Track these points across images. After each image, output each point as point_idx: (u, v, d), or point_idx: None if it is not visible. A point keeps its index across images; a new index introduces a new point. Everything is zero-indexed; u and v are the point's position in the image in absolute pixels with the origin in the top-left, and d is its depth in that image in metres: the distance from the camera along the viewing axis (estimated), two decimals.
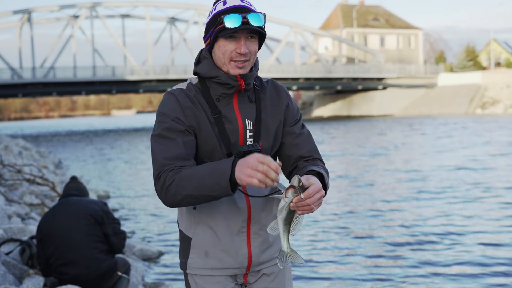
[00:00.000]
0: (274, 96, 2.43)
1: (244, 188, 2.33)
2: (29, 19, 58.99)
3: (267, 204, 2.38)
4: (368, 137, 31.45)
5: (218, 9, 2.25)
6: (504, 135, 27.84)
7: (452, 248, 7.87)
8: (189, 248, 2.40)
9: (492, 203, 11.00)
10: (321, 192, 2.09)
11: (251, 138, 2.32)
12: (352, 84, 64.60)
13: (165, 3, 63.13)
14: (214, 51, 2.29)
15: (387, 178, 15.19)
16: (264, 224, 2.37)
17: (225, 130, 2.29)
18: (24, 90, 54.71)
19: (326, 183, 2.27)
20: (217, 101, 2.31)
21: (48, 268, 5.09)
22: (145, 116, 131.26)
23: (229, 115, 2.31)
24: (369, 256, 7.67)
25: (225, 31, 2.20)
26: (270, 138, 2.37)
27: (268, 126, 2.36)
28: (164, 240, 9.09)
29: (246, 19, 2.20)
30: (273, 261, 2.45)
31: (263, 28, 2.26)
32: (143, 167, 20.88)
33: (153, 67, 58.03)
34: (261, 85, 2.43)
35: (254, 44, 2.28)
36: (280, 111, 2.41)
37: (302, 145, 2.43)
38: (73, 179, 5.37)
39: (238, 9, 2.22)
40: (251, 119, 2.33)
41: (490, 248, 7.79)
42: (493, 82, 60.13)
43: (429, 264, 7.15)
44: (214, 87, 2.32)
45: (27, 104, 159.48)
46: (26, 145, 24.46)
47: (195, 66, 2.36)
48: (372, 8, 79.92)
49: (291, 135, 2.43)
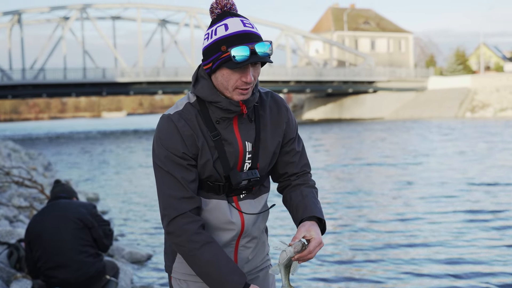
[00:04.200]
0: (274, 112, 2.36)
1: (237, 204, 2.32)
2: (19, 20, 58.71)
3: (258, 218, 2.39)
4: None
5: (220, 34, 2.14)
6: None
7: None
8: (175, 252, 2.38)
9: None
10: (321, 245, 2.20)
11: (250, 160, 2.30)
12: (342, 87, 64.76)
13: (156, 5, 63.02)
14: (216, 77, 2.19)
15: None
16: (253, 237, 2.39)
17: (225, 153, 2.24)
18: (13, 91, 54.39)
19: (324, 224, 2.32)
20: (216, 123, 2.24)
21: (36, 271, 5.06)
22: (136, 118, 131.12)
23: (229, 137, 2.25)
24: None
25: (231, 63, 2.11)
26: (268, 157, 2.35)
27: (267, 146, 2.33)
28: (153, 243, 9.05)
29: (253, 48, 2.11)
30: (257, 270, 2.47)
31: (270, 56, 2.16)
32: (132, 170, 20.82)
33: (143, 69, 57.85)
34: (261, 100, 2.35)
35: (258, 69, 2.21)
36: (280, 130, 2.36)
37: (298, 163, 2.42)
38: (57, 183, 5.33)
39: (244, 37, 2.12)
40: (250, 140, 2.28)
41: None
42: (483, 86, 60.48)
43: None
44: (214, 110, 2.23)
45: (17, 105, 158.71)
46: (15, 147, 24.32)
47: (193, 87, 2.26)
48: (363, 12, 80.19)
49: (289, 154, 2.41)
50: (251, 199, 2.35)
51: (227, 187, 2.28)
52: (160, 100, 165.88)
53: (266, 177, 2.42)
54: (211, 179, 2.27)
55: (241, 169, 2.28)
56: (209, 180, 2.27)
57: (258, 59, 2.11)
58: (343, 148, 27.17)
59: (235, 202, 2.31)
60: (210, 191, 2.28)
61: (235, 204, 2.32)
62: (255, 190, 2.36)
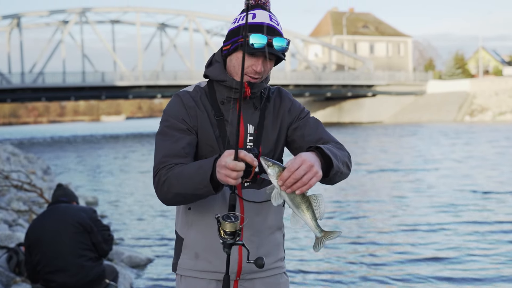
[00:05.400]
0: (277, 103, 2.47)
1: (240, 191, 2.32)
2: (18, 24, 58.76)
3: (262, 209, 2.36)
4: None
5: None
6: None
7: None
8: (180, 248, 2.41)
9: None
10: (308, 166, 2.01)
11: (251, 142, 2.35)
12: (341, 91, 64.81)
13: (155, 9, 63.10)
14: (231, 59, 2.34)
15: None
16: (258, 230, 2.35)
17: (226, 133, 2.32)
18: (12, 95, 54.42)
19: (330, 156, 2.16)
20: (221, 104, 2.36)
21: (36, 275, 5.05)
22: (135, 122, 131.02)
23: (231, 118, 2.34)
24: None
25: (247, 47, 2.24)
26: (271, 144, 2.39)
27: (271, 132, 2.40)
28: (153, 247, 9.04)
29: (271, 41, 2.24)
30: (269, 272, 2.41)
31: (285, 52, 2.31)
32: (132, 174, 20.81)
33: (143, 73, 57.90)
34: (268, 94, 2.47)
35: (270, 64, 2.35)
36: (283, 118, 2.44)
37: (308, 133, 2.41)
38: (59, 187, 5.34)
39: (265, 28, 2.26)
40: (253, 124, 2.37)
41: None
42: (482, 90, 60.56)
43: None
44: (220, 90, 2.37)
45: (16, 109, 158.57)
46: (14, 151, 24.28)
47: (205, 68, 2.41)
48: (362, 16, 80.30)
49: (297, 129, 2.44)
50: (255, 189, 2.35)
51: None
52: (159, 104, 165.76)
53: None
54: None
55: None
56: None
57: (272, 51, 2.25)
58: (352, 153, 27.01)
59: (238, 190, 2.32)
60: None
61: (238, 191, 2.32)
62: (260, 179, 2.36)
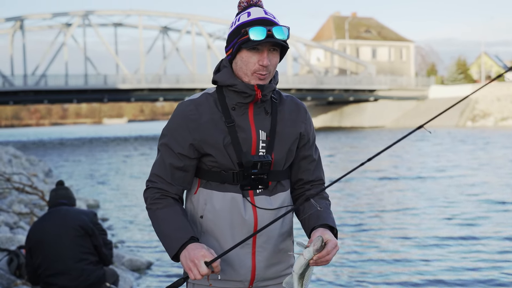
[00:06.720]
0: (293, 110, 2.42)
1: (252, 199, 2.32)
2: (21, 26, 58.86)
3: (275, 217, 2.34)
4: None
5: (242, 20, 2.27)
6: None
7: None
8: None
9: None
10: (337, 248, 2.20)
11: (264, 149, 2.32)
12: (343, 96, 64.82)
13: (158, 12, 63.19)
14: (236, 61, 2.30)
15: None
16: (270, 237, 2.35)
17: (238, 139, 2.28)
18: (15, 97, 54.49)
19: (336, 233, 2.34)
20: (232, 110, 2.31)
21: (37, 278, 5.04)
22: (137, 125, 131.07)
23: (243, 124, 2.30)
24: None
25: (249, 42, 2.23)
26: (284, 151, 2.36)
27: (283, 139, 2.36)
28: (154, 251, 9.03)
29: (270, 32, 2.23)
30: (281, 279, 2.40)
31: (286, 41, 2.29)
32: (133, 177, 20.81)
33: (145, 76, 57.97)
34: (280, 98, 2.43)
35: (275, 57, 2.30)
36: (298, 126, 2.40)
37: (313, 171, 2.46)
38: (60, 184, 5.26)
39: (263, 22, 2.25)
40: (265, 130, 2.33)
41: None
42: (484, 95, 60.50)
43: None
44: (230, 95, 2.32)
45: (18, 111, 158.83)
46: (16, 153, 24.30)
47: (214, 74, 2.37)
48: (364, 20, 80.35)
49: (306, 160, 2.44)
50: (267, 195, 2.34)
51: (241, 175, 2.28)
52: (161, 107, 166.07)
53: (283, 174, 2.40)
54: (224, 167, 2.29)
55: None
56: (223, 169, 2.29)
57: (273, 40, 2.22)
58: (352, 159, 27.12)
59: (251, 197, 2.31)
60: (225, 181, 2.30)
61: (250, 198, 2.31)
62: (271, 186, 2.35)
